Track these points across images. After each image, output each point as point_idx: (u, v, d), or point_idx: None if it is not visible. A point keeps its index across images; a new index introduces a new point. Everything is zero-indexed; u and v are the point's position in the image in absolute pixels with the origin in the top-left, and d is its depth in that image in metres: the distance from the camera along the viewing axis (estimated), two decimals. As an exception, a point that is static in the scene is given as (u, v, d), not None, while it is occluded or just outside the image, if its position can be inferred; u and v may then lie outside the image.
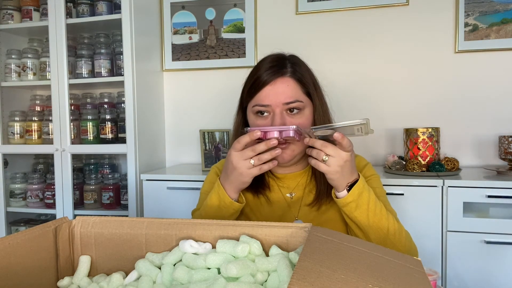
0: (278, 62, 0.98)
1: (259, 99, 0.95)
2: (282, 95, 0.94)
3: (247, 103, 1.00)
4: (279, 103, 0.94)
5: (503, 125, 1.92)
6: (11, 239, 0.56)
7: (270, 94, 0.94)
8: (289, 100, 0.94)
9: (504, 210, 1.53)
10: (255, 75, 0.97)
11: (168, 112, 2.33)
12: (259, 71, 0.97)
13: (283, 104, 0.94)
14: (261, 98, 0.95)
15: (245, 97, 1.00)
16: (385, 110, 2.05)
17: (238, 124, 1.05)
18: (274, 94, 0.94)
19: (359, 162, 1.07)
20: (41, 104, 2.30)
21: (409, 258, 0.55)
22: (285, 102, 0.94)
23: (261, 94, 0.95)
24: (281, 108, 0.94)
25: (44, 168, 2.34)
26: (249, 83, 0.99)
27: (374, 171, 1.08)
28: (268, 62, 0.98)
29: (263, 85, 0.95)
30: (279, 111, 0.94)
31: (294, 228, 0.61)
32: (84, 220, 0.67)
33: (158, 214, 1.87)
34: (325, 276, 0.41)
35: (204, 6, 2.26)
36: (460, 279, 1.56)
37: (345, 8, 2.07)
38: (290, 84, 0.96)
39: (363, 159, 1.10)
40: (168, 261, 0.61)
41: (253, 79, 0.97)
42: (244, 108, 1.02)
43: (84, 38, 2.19)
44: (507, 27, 1.89)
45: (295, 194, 1.02)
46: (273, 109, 0.94)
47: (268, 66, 0.97)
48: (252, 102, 0.97)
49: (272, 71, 0.96)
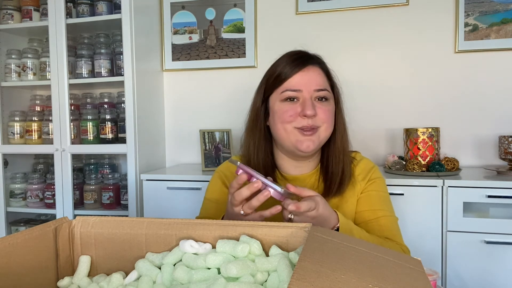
0: (306, 54, 0.99)
1: (290, 84, 0.94)
2: (314, 81, 0.94)
3: (272, 91, 0.98)
4: (310, 89, 0.94)
5: (503, 125, 1.92)
6: (11, 239, 0.56)
7: (302, 79, 0.94)
8: (320, 87, 0.95)
9: (504, 210, 1.53)
10: (282, 63, 0.97)
11: (168, 112, 2.33)
12: (286, 59, 0.97)
13: (314, 91, 0.94)
14: (292, 83, 0.94)
15: (271, 84, 0.98)
16: (385, 110, 2.05)
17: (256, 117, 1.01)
18: (306, 79, 0.94)
19: (366, 164, 1.07)
20: (41, 104, 2.30)
21: (409, 258, 0.55)
22: (316, 88, 0.94)
23: (292, 80, 0.94)
24: (311, 95, 0.94)
25: (44, 168, 2.34)
26: (276, 70, 0.97)
27: (380, 174, 1.07)
28: (295, 53, 0.99)
29: (295, 71, 0.94)
30: (309, 97, 0.93)
31: (294, 228, 0.60)
32: (84, 220, 0.67)
33: (158, 214, 1.87)
34: (325, 276, 0.41)
35: (204, 6, 2.26)
36: (460, 279, 1.56)
37: (345, 8, 2.07)
38: (320, 73, 0.97)
39: (369, 162, 1.09)
40: (168, 261, 0.61)
41: (282, 66, 0.96)
42: (266, 99, 1.00)
43: (84, 38, 2.19)
44: (507, 27, 1.89)
45: None
46: (304, 95, 0.94)
47: (297, 56, 0.97)
48: (281, 88, 0.95)
49: (303, 59, 0.96)
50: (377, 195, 1.04)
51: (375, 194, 1.04)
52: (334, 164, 1.00)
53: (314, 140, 0.94)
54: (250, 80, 2.14)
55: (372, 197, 1.03)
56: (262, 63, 2.18)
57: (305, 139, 0.93)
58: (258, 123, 1.00)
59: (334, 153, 1.00)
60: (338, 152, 1.00)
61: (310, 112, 0.91)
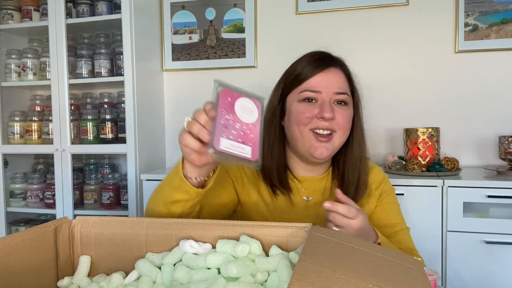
0: (328, 55, 0.97)
1: (310, 85, 0.91)
2: (334, 84, 0.92)
3: (291, 90, 0.95)
4: (330, 91, 0.91)
5: (503, 125, 1.92)
6: (11, 239, 0.56)
7: (322, 81, 0.91)
8: (340, 90, 0.92)
9: (504, 210, 1.53)
10: (303, 62, 0.94)
11: (168, 112, 2.33)
12: (308, 59, 0.94)
13: (333, 93, 0.91)
14: (312, 84, 0.91)
15: (290, 83, 0.95)
16: (385, 110, 2.05)
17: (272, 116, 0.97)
18: (327, 81, 0.91)
19: (377, 174, 1.04)
20: (41, 104, 2.30)
21: (409, 258, 0.55)
22: (336, 91, 0.91)
23: (312, 80, 0.92)
24: (331, 97, 0.91)
25: (44, 168, 2.34)
26: (296, 69, 0.94)
27: (390, 184, 1.06)
28: (317, 53, 0.96)
29: (315, 72, 0.92)
30: (328, 100, 0.91)
31: (294, 228, 0.60)
32: (84, 220, 0.67)
33: (158, 214, 1.87)
34: (325, 276, 0.41)
35: (204, 6, 2.26)
36: (460, 279, 1.56)
37: (345, 8, 2.07)
38: (341, 76, 0.94)
39: (380, 170, 1.06)
40: (168, 261, 0.61)
41: (302, 66, 0.94)
42: (283, 98, 0.97)
43: (84, 38, 2.19)
44: (507, 27, 1.89)
45: (312, 198, 0.98)
46: (323, 97, 0.91)
47: (319, 56, 0.95)
48: (300, 88, 0.93)
49: (325, 60, 0.94)
50: (392, 208, 1.04)
51: (390, 208, 1.03)
52: (350, 171, 0.96)
53: (328, 148, 0.91)
54: (250, 80, 2.14)
55: (388, 211, 1.02)
56: (262, 63, 2.18)
57: (319, 145, 0.90)
58: (274, 122, 0.97)
59: (350, 160, 0.97)
60: (355, 159, 0.97)
61: (329, 114, 0.88)
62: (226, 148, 0.62)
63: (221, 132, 0.62)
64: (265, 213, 0.97)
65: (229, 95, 0.65)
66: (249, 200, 0.98)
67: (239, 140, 0.63)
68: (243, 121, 0.65)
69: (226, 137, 0.62)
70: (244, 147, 0.64)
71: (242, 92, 0.67)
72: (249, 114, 0.66)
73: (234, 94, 0.66)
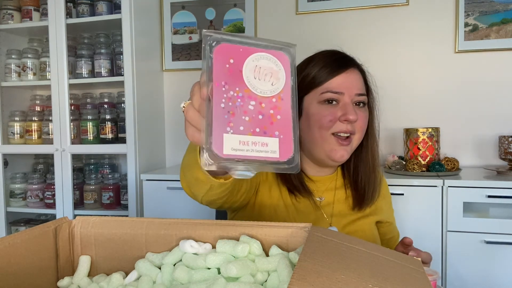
0: (345, 55, 0.95)
1: (332, 86, 0.89)
2: (356, 85, 0.91)
3: (309, 91, 0.91)
4: (352, 93, 0.89)
5: (503, 125, 1.92)
6: (11, 239, 0.56)
7: (344, 82, 0.89)
8: (361, 91, 0.91)
9: (504, 210, 1.53)
10: (321, 62, 0.91)
11: (168, 112, 2.33)
12: (325, 59, 0.91)
13: (355, 95, 0.90)
14: (333, 85, 0.89)
15: (308, 84, 0.91)
16: (385, 110, 2.03)
17: None
18: (348, 82, 0.90)
19: None
20: (41, 104, 2.30)
21: (409, 258, 0.55)
22: (357, 93, 0.90)
23: (334, 81, 0.89)
24: (352, 99, 0.90)
25: (44, 168, 2.34)
26: (313, 70, 0.91)
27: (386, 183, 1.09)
28: (334, 53, 0.94)
29: (337, 73, 0.89)
30: (350, 101, 0.89)
31: (294, 228, 0.60)
32: (84, 220, 0.67)
33: (158, 214, 1.87)
34: (325, 276, 0.41)
35: (204, 6, 2.26)
36: (460, 279, 1.56)
37: (345, 8, 2.07)
38: (360, 77, 0.93)
39: None
40: (168, 261, 0.61)
41: (321, 66, 0.90)
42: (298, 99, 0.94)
43: (84, 38, 2.19)
44: (507, 27, 1.89)
45: (324, 198, 0.98)
46: (345, 99, 0.89)
47: (337, 56, 0.93)
48: (321, 89, 0.90)
49: (344, 61, 0.92)
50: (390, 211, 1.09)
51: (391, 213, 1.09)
52: (367, 173, 0.96)
53: (348, 150, 0.90)
54: (250, 80, 2.14)
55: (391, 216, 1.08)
56: (262, 63, 2.18)
57: (340, 148, 0.89)
58: None
59: (366, 161, 0.97)
60: (371, 161, 0.96)
61: (353, 117, 0.87)
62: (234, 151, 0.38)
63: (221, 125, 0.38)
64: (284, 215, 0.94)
65: (231, 52, 0.41)
66: (269, 199, 0.94)
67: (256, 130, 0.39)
68: (260, 95, 0.40)
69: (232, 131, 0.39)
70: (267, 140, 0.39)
71: (253, 43, 0.42)
72: (270, 79, 0.41)
73: (240, 50, 0.41)
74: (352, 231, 0.95)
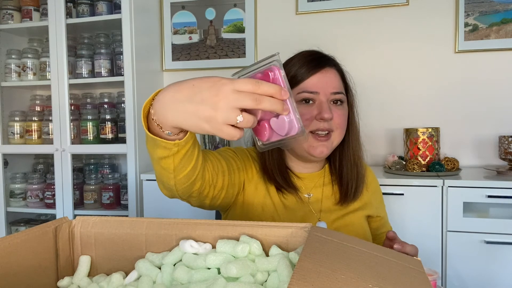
0: (322, 55, 0.97)
1: (307, 86, 0.92)
2: (331, 84, 0.93)
3: None
4: (327, 92, 0.92)
5: (503, 125, 1.92)
6: (11, 239, 0.56)
7: (319, 81, 0.92)
8: (336, 90, 0.93)
9: (504, 210, 1.53)
10: (298, 63, 0.94)
11: (168, 112, 2.32)
12: (302, 60, 0.94)
13: (330, 94, 0.92)
14: (308, 85, 0.92)
15: None
16: (385, 110, 2.05)
17: None
18: (323, 82, 0.92)
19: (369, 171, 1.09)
20: (41, 104, 2.30)
21: (409, 258, 0.55)
22: (333, 91, 0.92)
23: (309, 81, 0.92)
24: (328, 97, 0.92)
25: (44, 168, 2.34)
26: (290, 71, 0.94)
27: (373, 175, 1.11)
28: (311, 53, 0.96)
29: (312, 73, 0.92)
30: (326, 100, 0.91)
31: (294, 228, 0.60)
32: (84, 220, 0.67)
33: (158, 214, 1.87)
34: (325, 276, 0.41)
35: (204, 6, 2.26)
36: (460, 279, 1.56)
37: (345, 8, 2.07)
38: (336, 76, 0.95)
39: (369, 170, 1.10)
40: (168, 261, 0.61)
41: (297, 66, 0.93)
42: None
43: (84, 38, 2.19)
44: (507, 27, 1.89)
45: (313, 194, 1.00)
46: (320, 98, 0.91)
47: (313, 56, 0.95)
48: (297, 89, 0.93)
49: (320, 61, 0.94)
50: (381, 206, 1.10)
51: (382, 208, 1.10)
52: (349, 167, 0.99)
53: (327, 146, 0.92)
54: (250, 80, 2.14)
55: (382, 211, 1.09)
56: (262, 63, 2.18)
57: (318, 144, 0.91)
58: None
59: (348, 156, 0.99)
60: (353, 156, 0.99)
61: (328, 115, 0.89)
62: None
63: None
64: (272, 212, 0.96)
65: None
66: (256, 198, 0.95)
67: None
68: None
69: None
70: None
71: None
72: None
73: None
74: (342, 226, 0.97)
